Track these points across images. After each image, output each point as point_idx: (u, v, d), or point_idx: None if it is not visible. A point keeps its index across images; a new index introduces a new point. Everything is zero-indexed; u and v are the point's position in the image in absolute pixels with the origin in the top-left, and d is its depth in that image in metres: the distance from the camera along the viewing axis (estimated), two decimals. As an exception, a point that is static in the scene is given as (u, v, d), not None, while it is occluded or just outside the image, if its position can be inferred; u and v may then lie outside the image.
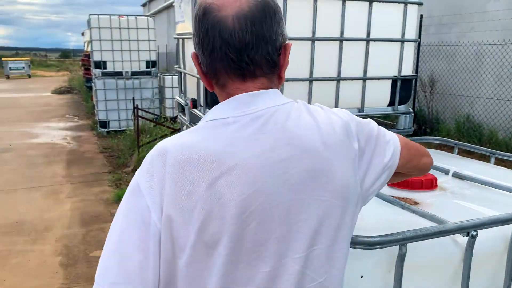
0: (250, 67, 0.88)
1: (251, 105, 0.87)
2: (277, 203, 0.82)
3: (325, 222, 0.86)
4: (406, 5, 2.37)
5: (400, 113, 2.52)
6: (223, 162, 0.81)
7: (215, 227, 0.79)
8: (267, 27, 0.87)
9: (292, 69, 2.23)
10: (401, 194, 1.59)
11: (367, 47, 2.36)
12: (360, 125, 0.96)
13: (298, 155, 0.85)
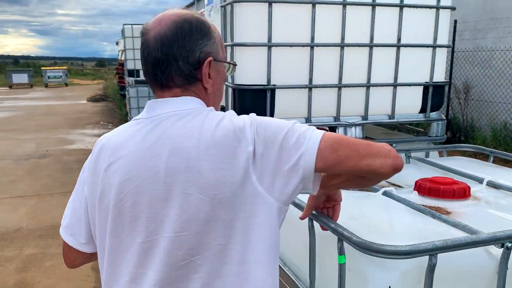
0: (163, 79, 1.07)
1: (155, 110, 1.07)
2: (145, 190, 1.02)
3: (191, 212, 0.99)
4: (438, 10, 2.33)
5: (432, 120, 2.47)
6: (116, 152, 1.06)
7: (105, 201, 1.06)
8: (177, 46, 1.05)
9: (320, 76, 2.25)
10: (432, 203, 1.55)
11: (397, 53, 2.32)
12: (261, 130, 1.01)
13: (168, 153, 1.00)
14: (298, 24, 2.16)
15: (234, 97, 2.27)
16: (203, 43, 1.08)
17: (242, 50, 2.18)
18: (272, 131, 1.01)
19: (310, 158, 0.98)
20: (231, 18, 2.20)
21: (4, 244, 4.10)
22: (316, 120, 2.30)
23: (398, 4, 2.25)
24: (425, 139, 2.50)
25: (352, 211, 1.40)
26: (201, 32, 1.08)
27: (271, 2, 2.08)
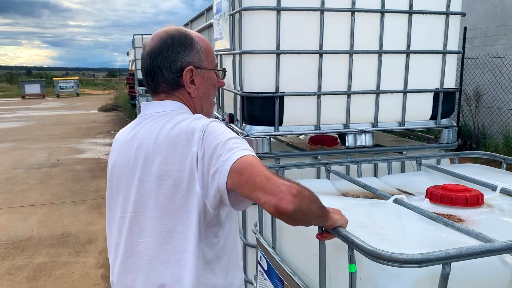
0: (152, 86, 1.31)
1: (144, 111, 1.32)
2: (122, 175, 1.28)
3: (144, 196, 1.22)
4: (448, 16, 2.31)
5: (443, 127, 2.44)
6: (114, 143, 1.35)
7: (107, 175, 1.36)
8: (161, 58, 1.27)
9: (329, 83, 2.24)
10: (445, 210, 1.52)
11: (407, 59, 2.30)
12: (206, 136, 1.16)
13: (135, 148, 1.25)
14: (306, 31, 2.16)
15: (242, 104, 2.27)
16: (185, 54, 1.29)
17: (251, 58, 2.17)
18: (211, 139, 1.15)
19: (223, 174, 1.09)
20: (239, 26, 2.21)
21: (16, 252, 4.12)
22: (326, 127, 2.28)
23: (407, 10, 2.24)
24: (436, 146, 2.46)
25: (362, 219, 1.38)
26: (183, 45, 1.29)
27: (279, 9, 2.09)
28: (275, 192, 1.01)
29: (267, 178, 1.03)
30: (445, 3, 2.30)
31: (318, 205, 1.09)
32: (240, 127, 2.31)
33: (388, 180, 2.02)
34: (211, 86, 1.36)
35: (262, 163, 1.09)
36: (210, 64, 1.34)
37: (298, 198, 1.01)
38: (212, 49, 1.38)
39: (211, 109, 1.41)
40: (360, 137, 2.33)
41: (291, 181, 1.05)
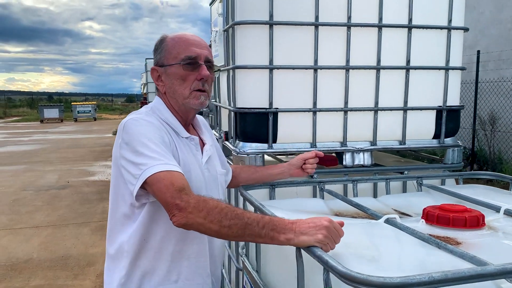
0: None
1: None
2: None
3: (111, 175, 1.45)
4: (450, 30, 2.22)
5: (447, 146, 2.31)
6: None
7: None
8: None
9: (325, 99, 2.15)
10: (441, 232, 1.40)
11: (407, 75, 2.21)
12: (124, 133, 1.35)
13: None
14: (300, 46, 2.09)
15: (235, 121, 2.20)
16: (154, 57, 1.54)
17: (243, 73, 2.11)
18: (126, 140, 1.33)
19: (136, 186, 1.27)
20: (232, 41, 2.16)
21: (13, 274, 4.05)
22: (322, 145, 2.18)
23: (406, 25, 2.16)
24: (440, 167, 2.33)
25: (347, 239, 1.27)
26: (155, 50, 1.53)
27: (272, 24, 2.03)
28: (170, 208, 1.19)
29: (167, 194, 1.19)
30: (446, 18, 2.21)
31: (242, 223, 1.14)
32: (233, 144, 2.23)
33: (385, 201, 1.90)
34: (175, 80, 1.45)
35: (171, 174, 1.22)
36: (174, 59, 1.44)
37: (194, 214, 1.16)
38: (182, 44, 1.46)
39: (189, 100, 1.46)
40: (358, 156, 2.23)
41: (196, 198, 1.18)
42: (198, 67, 1.44)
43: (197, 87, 1.45)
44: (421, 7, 2.18)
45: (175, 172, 1.24)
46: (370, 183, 2.20)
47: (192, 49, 1.44)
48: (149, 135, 1.31)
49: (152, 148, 1.27)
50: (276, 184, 1.92)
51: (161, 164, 1.24)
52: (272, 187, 1.90)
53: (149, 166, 1.23)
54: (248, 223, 1.13)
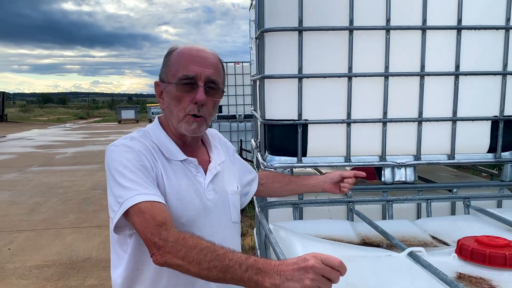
0: None
1: None
2: None
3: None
4: (508, 31, 1.95)
5: (505, 161, 2.04)
6: None
7: None
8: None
9: (361, 110, 1.98)
10: (475, 271, 1.20)
11: (456, 82, 1.97)
12: (105, 161, 1.30)
13: None
14: (333, 53, 1.94)
15: (264, 133, 2.09)
16: (160, 69, 1.42)
17: (271, 83, 2.00)
18: (107, 167, 1.27)
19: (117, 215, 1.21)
20: (262, 49, 2.06)
21: (71, 273, 4.26)
22: (357, 159, 2.01)
23: (455, 26, 1.93)
24: (496, 185, 2.06)
25: (357, 276, 1.13)
26: (162, 62, 1.41)
27: (301, 30, 1.90)
28: (150, 246, 1.12)
29: (147, 230, 1.12)
30: (503, 16, 1.94)
31: (223, 265, 1.04)
32: (262, 157, 2.13)
33: (424, 225, 1.70)
34: (171, 100, 1.35)
35: (153, 206, 1.15)
36: (172, 77, 1.34)
37: (172, 253, 1.08)
38: (183, 60, 1.34)
39: (182, 124, 1.35)
40: (399, 172, 2.03)
41: (175, 236, 1.10)
42: (195, 89, 1.32)
43: (192, 112, 1.32)
44: (473, 5, 1.93)
45: (157, 204, 1.17)
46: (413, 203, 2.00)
47: (191, 68, 1.32)
48: (126, 163, 1.23)
49: (129, 177, 1.20)
50: (300, 203, 1.79)
51: (138, 194, 1.17)
52: (296, 206, 1.77)
53: (126, 197, 1.17)
54: (230, 265, 1.03)
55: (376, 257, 1.28)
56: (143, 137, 1.38)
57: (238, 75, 9.24)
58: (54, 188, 8.25)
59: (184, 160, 1.38)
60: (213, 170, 1.44)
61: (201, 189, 1.38)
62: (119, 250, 1.34)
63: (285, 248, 1.35)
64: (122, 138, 1.36)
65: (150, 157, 1.30)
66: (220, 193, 1.44)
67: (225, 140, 1.68)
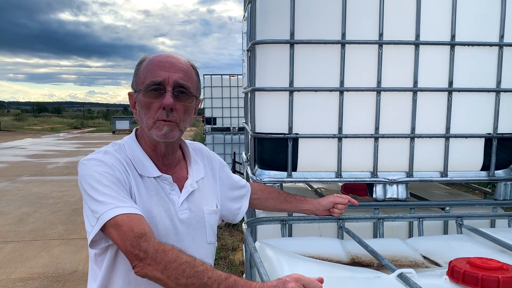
0: None
1: None
2: None
3: None
4: (502, 48, 1.93)
5: (498, 180, 2.00)
6: None
7: None
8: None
9: (352, 124, 1.95)
10: (468, 295, 1.15)
11: (449, 98, 1.94)
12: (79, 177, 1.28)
13: None
14: (324, 67, 1.91)
15: (254, 146, 2.05)
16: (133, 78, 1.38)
17: (262, 95, 1.97)
18: (80, 182, 1.25)
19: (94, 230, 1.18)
20: (253, 61, 2.02)
21: (57, 286, 4.16)
22: (348, 175, 1.97)
23: (449, 42, 1.91)
24: (489, 203, 2.02)
25: (344, 300, 1.07)
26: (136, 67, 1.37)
27: (293, 43, 1.87)
28: (131, 258, 1.08)
29: (127, 242, 1.09)
30: (497, 33, 1.93)
31: (200, 283, 1.00)
32: (252, 171, 2.08)
33: (415, 244, 1.66)
34: (141, 108, 1.32)
35: (130, 218, 1.11)
36: (140, 85, 1.31)
37: (152, 266, 1.04)
38: (151, 66, 1.31)
39: (152, 130, 1.31)
40: (391, 188, 1.98)
41: (155, 248, 1.06)
42: (163, 94, 1.28)
43: (161, 117, 1.28)
44: (467, 21, 1.91)
45: (134, 215, 1.13)
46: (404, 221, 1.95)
47: (159, 73, 1.28)
48: (98, 177, 1.20)
49: (102, 192, 1.17)
50: (289, 219, 1.74)
51: (114, 208, 1.13)
52: (284, 223, 1.72)
53: (102, 212, 1.13)
54: (208, 284, 0.99)
55: (365, 279, 1.22)
56: (118, 151, 1.33)
57: (233, 87, 9.24)
58: (44, 198, 8.13)
59: (158, 177, 1.33)
60: (189, 188, 1.39)
61: (172, 209, 1.32)
62: (94, 266, 1.31)
63: (271, 268, 1.30)
64: (95, 153, 1.32)
65: (123, 171, 1.26)
66: (196, 212, 1.38)
67: (210, 155, 1.63)
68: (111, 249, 1.24)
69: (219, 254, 4.98)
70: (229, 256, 4.94)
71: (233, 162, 7.26)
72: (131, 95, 1.38)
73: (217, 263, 4.69)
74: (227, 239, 5.56)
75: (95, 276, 1.30)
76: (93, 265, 1.31)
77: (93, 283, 1.30)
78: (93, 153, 1.32)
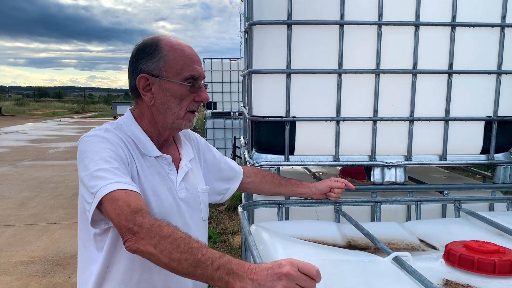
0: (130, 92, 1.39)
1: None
2: None
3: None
4: (503, 28, 1.89)
5: (497, 163, 1.98)
6: None
7: None
8: (130, 64, 1.36)
9: (351, 107, 1.92)
10: (463, 278, 1.14)
11: (449, 80, 1.91)
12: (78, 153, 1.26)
13: None
14: (322, 48, 1.87)
15: (251, 130, 2.03)
16: (143, 62, 1.32)
17: (259, 78, 1.94)
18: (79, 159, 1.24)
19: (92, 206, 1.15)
20: (250, 43, 1.99)
21: (57, 269, 4.19)
22: (346, 158, 1.95)
23: (449, 23, 1.87)
24: (488, 187, 2.01)
25: (338, 282, 1.06)
26: (144, 52, 1.33)
27: (290, 23, 1.83)
28: (124, 232, 1.05)
29: (122, 217, 1.06)
30: (499, 14, 1.89)
31: (194, 259, 0.98)
32: (249, 155, 2.06)
33: (412, 228, 1.64)
34: (172, 97, 1.32)
35: (127, 194, 1.10)
36: (174, 76, 1.31)
37: (146, 240, 1.02)
38: (185, 59, 1.33)
39: (182, 121, 1.35)
40: (389, 172, 1.97)
41: (150, 223, 1.04)
42: (199, 89, 1.36)
43: (192, 109, 1.36)
44: (468, 1, 1.87)
45: (131, 192, 1.12)
46: (402, 204, 1.94)
47: (196, 68, 1.34)
48: (101, 153, 1.19)
49: (104, 168, 1.15)
50: (285, 203, 1.73)
51: (112, 182, 1.12)
52: (280, 206, 1.71)
53: (100, 186, 1.12)
54: (202, 260, 0.97)
55: (360, 262, 1.21)
56: (117, 129, 1.33)
57: (233, 71, 9.16)
58: (45, 182, 8.16)
59: (158, 157, 1.35)
60: (184, 168, 1.42)
61: (173, 187, 1.36)
62: (92, 248, 1.28)
63: (266, 251, 1.29)
64: (95, 129, 1.31)
65: (126, 150, 1.27)
66: (192, 191, 1.42)
67: (196, 136, 1.66)
68: (113, 228, 1.22)
69: (219, 238, 5.00)
70: (229, 240, 4.96)
71: (233, 147, 7.25)
72: (146, 78, 1.32)
73: (217, 246, 4.71)
74: (227, 223, 5.58)
75: (91, 258, 1.28)
76: (90, 246, 1.28)
77: (91, 266, 1.27)
78: (93, 130, 1.31)
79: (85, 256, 1.31)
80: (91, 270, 1.28)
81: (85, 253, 1.31)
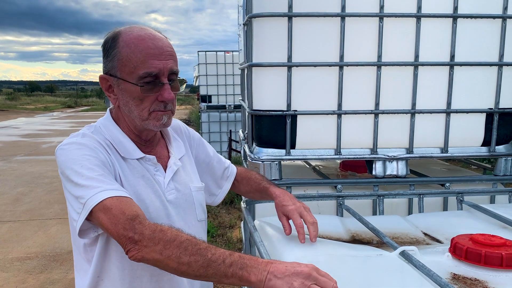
0: None
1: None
2: None
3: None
4: (505, 20, 1.88)
5: (498, 155, 1.98)
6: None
7: None
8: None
9: (352, 101, 1.91)
10: (470, 272, 1.14)
11: (450, 73, 1.90)
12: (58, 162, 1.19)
13: None
14: (323, 41, 1.85)
15: (252, 124, 2.01)
16: (104, 60, 1.24)
17: (259, 71, 1.91)
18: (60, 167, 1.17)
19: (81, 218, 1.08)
20: (250, 36, 1.96)
21: (54, 265, 4.16)
22: (348, 152, 1.94)
23: (451, 14, 1.85)
24: (489, 179, 2.01)
25: (347, 278, 1.05)
26: (104, 50, 1.23)
27: (291, 16, 1.81)
28: (124, 242, 1.00)
29: (119, 226, 1.01)
30: (501, 5, 1.87)
31: (204, 260, 0.95)
32: (250, 149, 2.05)
33: (415, 221, 1.64)
34: (130, 99, 1.20)
35: (120, 201, 1.04)
36: (130, 75, 1.17)
37: (150, 247, 0.98)
38: (139, 53, 1.17)
39: (149, 121, 1.22)
40: (390, 165, 1.96)
41: (152, 228, 1.00)
42: (159, 87, 1.19)
43: (158, 108, 1.20)
44: (469, -8, 1.86)
45: (123, 198, 1.05)
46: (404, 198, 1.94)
47: (152, 63, 1.16)
48: (82, 161, 1.11)
49: (87, 175, 1.08)
50: (288, 197, 1.71)
51: (101, 191, 1.05)
52: (283, 200, 1.69)
53: (89, 196, 1.04)
54: (212, 260, 0.95)
55: (367, 257, 1.21)
56: (95, 133, 1.24)
57: (228, 64, 9.11)
58: (39, 178, 8.09)
59: (141, 158, 1.26)
60: (173, 167, 1.32)
61: (160, 190, 1.26)
62: (82, 259, 1.23)
63: (271, 247, 1.28)
64: (71, 136, 1.22)
65: (105, 154, 1.18)
66: (183, 191, 1.32)
67: (190, 131, 1.54)
68: (101, 237, 1.17)
69: (217, 232, 4.99)
70: (227, 234, 4.95)
71: (229, 140, 7.23)
72: (105, 79, 1.22)
73: (214, 241, 4.71)
74: (224, 217, 5.57)
75: (83, 269, 1.23)
76: (81, 257, 1.23)
77: (84, 277, 1.22)
78: (69, 137, 1.22)
79: (77, 266, 1.26)
80: (84, 279, 1.22)
81: (77, 263, 1.26)
